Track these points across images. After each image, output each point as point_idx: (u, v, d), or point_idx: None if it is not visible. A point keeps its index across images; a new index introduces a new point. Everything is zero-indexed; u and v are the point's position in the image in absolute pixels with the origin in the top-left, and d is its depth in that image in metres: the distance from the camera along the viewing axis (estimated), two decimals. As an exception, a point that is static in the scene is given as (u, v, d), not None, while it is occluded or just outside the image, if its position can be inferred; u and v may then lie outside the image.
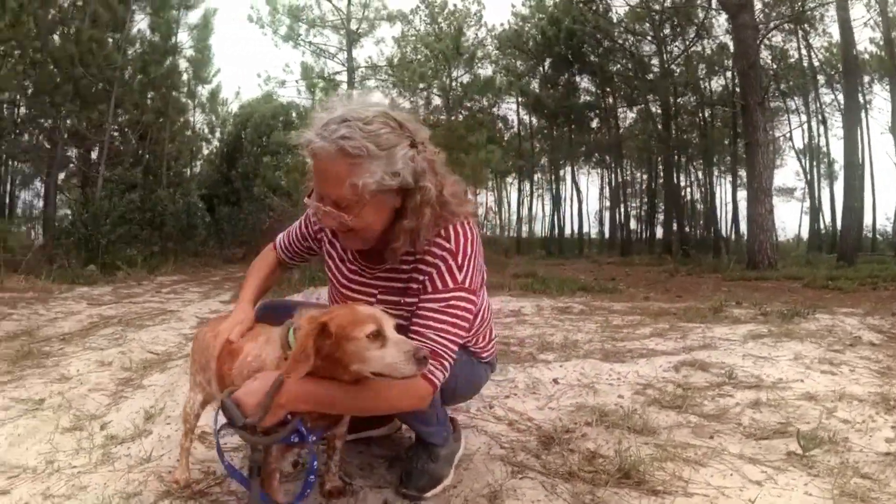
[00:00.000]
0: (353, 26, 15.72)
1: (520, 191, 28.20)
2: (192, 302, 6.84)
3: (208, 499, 1.70)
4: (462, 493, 1.67)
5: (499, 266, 10.51)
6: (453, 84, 16.11)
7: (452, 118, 15.25)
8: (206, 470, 1.90)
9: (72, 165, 14.96)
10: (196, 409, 1.81)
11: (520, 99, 24.72)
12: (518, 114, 25.92)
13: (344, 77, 16.65)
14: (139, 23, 12.93)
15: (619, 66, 23.13)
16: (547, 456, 1.91)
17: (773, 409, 2.27)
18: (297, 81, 16.45)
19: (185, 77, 15.55)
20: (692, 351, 3.32)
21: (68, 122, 12.85)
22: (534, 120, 26.22)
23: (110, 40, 11.74)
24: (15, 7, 9.07)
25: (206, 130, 19.67)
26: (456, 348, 1.46)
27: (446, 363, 1.43)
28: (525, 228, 27.83)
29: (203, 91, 17.90)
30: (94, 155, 14.63)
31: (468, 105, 20.16)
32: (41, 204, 14.15)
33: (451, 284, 1.46)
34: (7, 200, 13.61)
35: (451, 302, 1.45)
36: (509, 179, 28.87)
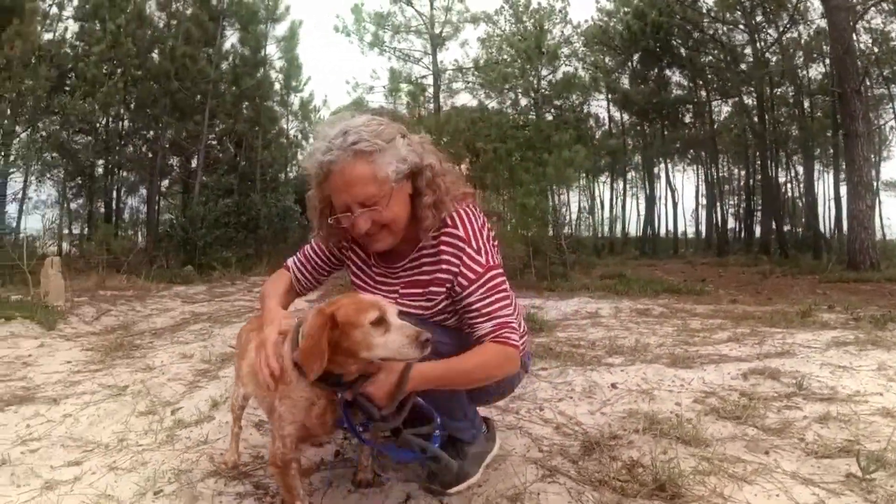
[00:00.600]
0: (437, 30, 16.02)
1: (612, 189, 27.30)
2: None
3: (251, 480, 1.82)
4: (485, 493, 1.67)
5: (587, 267, 10.26)
6: (541, 83, 15.85)
7: (540, 117, 14.99)
8: (256, 454, 2.04)
9: (174, 173, 16.49)
10: (240, 401, 1.95)
11: (609, 96, 23.96)
12: (608, 111, 25.14)
13: (430, 81, 16.92)
14: (230, 38, 14.01)
15: (710, 57, 21.72)
16: (585, 462, 1.87)
17: (843, 425, 2.07)
18: (384, 87, 16.98)
19: (276, 87, 16.54)
20: (767, 358, 3.10)
21: (168, 133, 14.16)
22: (625, 117, 25.29)
23: (203, 56, 12.76)
24: (114, 29, 10.19)
25: (300, 137, 20.81)
26: (512, 311, 1.58)
27: (514, 325, 1.57)
28: (618, 228, 26.90)
29: (295, 100, 18.84)
30: (194, 163, 15.99)
31: (557, 104, 19.83)
32: (146, 209, 15.64)
33: (479, 270, 1.56)
34: (115, 207, 15.14)
35: (487, 286, 1.56)
36: (602, 178, 27.97)
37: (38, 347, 4.01)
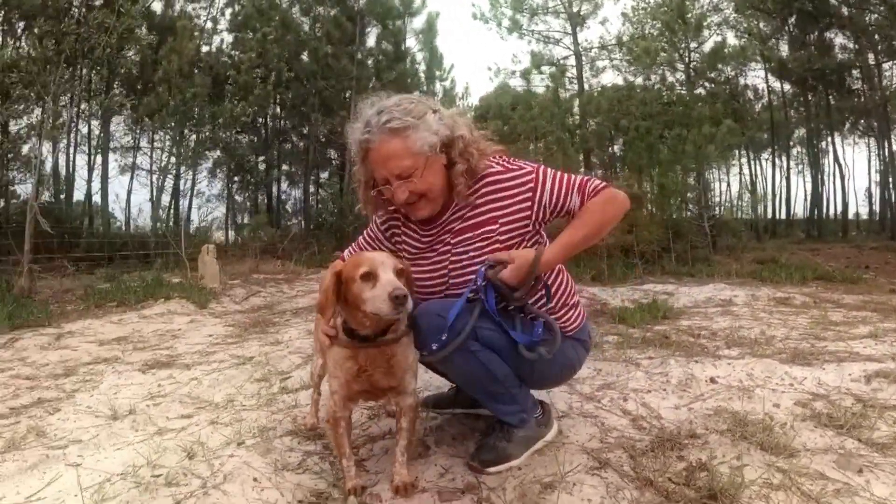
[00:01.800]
0: (575, 9, 15.44)
1: (774, 167, 24.25)
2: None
3: (323, 441, 2.02)
4: (522, 477, 1.67)
5: (737, 251, 9.44)
6: (691, 55, 14.49)
7: (691, 92, 13.74)
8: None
9: (332, 166, 18.02)
10: (318, 370, 2.17)
11: (767, 65, 21.13)
12: (766, 81, 22.23)
13: (572, 61, 16.38)
14: (371, 35, 14.85)
15: (875, 15, 18.04)
16: (645, 459, 1.77)
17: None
18: (525, 70, 16.84)
19: (421, 78, 17.23)
20: (905, 360, 2.61)
21: (320, 128, 15.50)
22: (786, 87, 22.13)
23: (346, 54, 13.74)
24: (260, 38, 11.41)
25: None
26: (582, 176, 1.76)
27: (594, 181, 1.72)
28: (782, 209, 23.88)
29: (439, 89, 19.45)
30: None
31: (710, 76, 18.04)
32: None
33: (538, 177, 1.70)
34: (277, 198, 16.89)
35: (547, 181, 1.71)
36: (765, 155, 24.92)
37: (189, 323, 4.73)
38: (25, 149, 10.02)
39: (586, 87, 14.67)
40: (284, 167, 16.80)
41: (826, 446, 1.78)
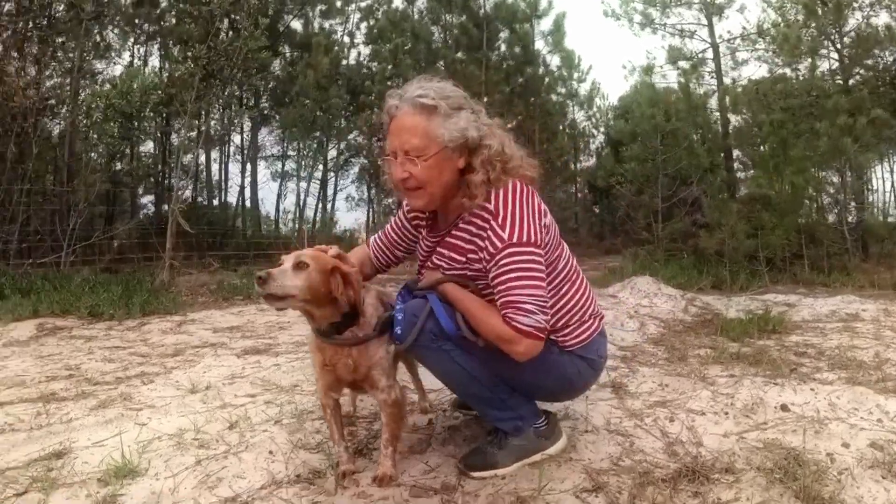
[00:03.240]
0: (710, -1, 14.34)
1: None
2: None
3: (350, 428, 2.17)
4: (502, 487, 1.69)
5: (891, 258, 8.13)
6: (843, 41, 12.71)
7: (849, 82, 12.04)
8: (371, 409, 2.43)
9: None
10: None
11: None
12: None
13: (710, 54, 15.29)
14: (501, 40, 15.11)
15: None
16: (652, 489, 1.66)
17: None
18: (660, 66, 16.05)
19: (558, 80, 17.18)
20: None
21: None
22: None
23: (473, 60, 14.18)
24: (392, 48, 12.22)
25: (591, 126, 21.05)
26: (532, 293, 1.57)
27: (528, 308, 1.55)
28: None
29: (579, 89, 19.17)
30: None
31: (868, 63, 15.59)
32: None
33: (498, 245, 1.60)
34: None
35: (502, 262, 1.59)
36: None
37: (299, 317, 5.25)
38: (186, 159, 11.88)
39: (727, 80, 13.45)
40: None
41: (886, 502, 1.56)
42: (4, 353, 3.64)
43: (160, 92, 6.92)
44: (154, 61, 12.26)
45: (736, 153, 10.96)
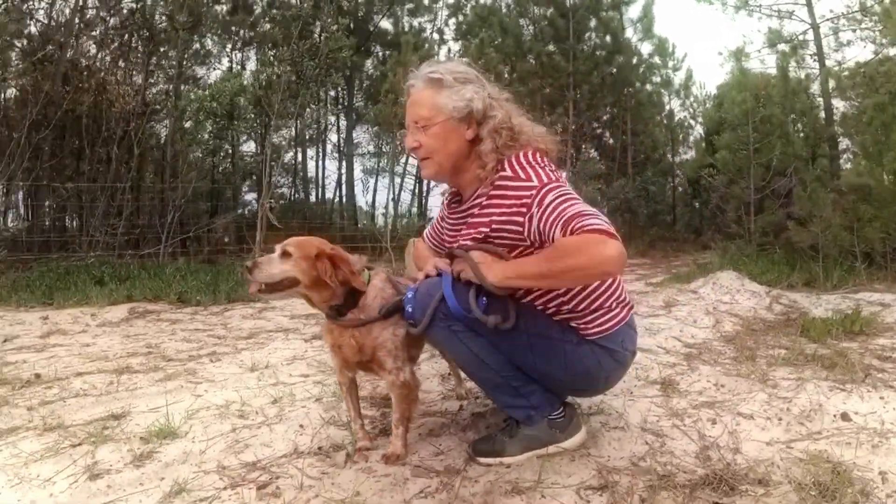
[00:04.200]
0: (809, -23, 13.11)
1: None
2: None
3: (383, 409, 2.33)
4: (504, 475, 1.70)
5: None
6: None
7: None
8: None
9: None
10: None
11: None
12: None
13: (810, 36, 14.09)
14: (589, 30, 14.79)
15: None
16: (665, 495, 1.60)
17: None
18: (758, 51, 15.01)
19: (648, 69, 16.58)
20: None
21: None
22: None
23: (559, 51, 14.02)
24: (478, 43, 12.32)
25: (689, 116, 20.15)
26: (586, 209, 1.53)
27: (590, 217, 1.49)
28: None
29: (674, 78, 18.43)
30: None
31: None
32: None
33: (532, 192, 1.63)
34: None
35: (545, 200, 1.59)
36: None
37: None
38: (285, 157, 12.73)
39: (829, 63, 12.28)
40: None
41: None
42: (97, 332, 4.17)
43: (248, 94, 7.51)
44: (251, 65, 13.29)
45: (845, 142, 10.02)
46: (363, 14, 14.72)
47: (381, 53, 15.25)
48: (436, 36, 15.83)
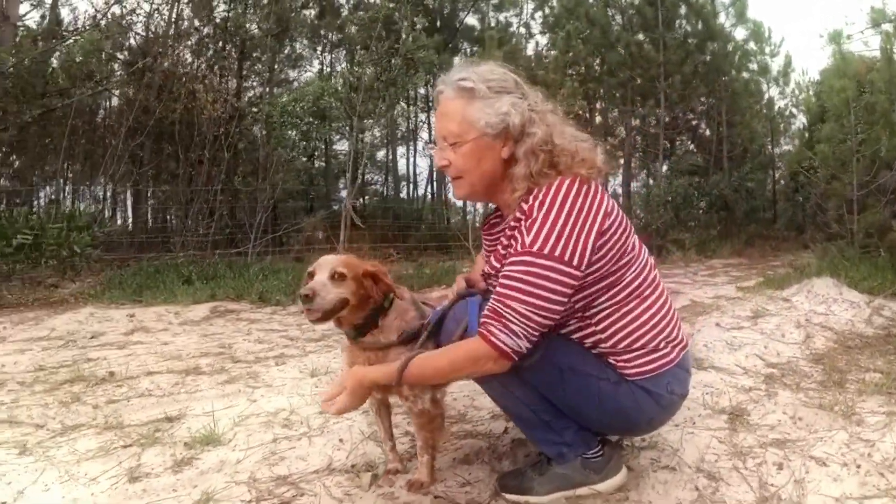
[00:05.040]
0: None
1: None
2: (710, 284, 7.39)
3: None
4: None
5: None
6: None
7: None
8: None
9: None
10: None
11: None
12: None
13: None
14: (681, 17, 14.05)
15: None
16: None
17: None
18: (861, 32, 13.57)
19: (744, 55, 15.54)
20: None
21: (633, 120, 15.62)
22: None
23: (649, 40, 13.47)
24: (564, 35, 12.09)
25: (790, 105, 18.78)
26: (525, 313, 1.44)
27: (510, 325, 1.44)
28: None
29: (772, 64, 17.21)
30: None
31: None
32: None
33: (519, 248, 1.47)
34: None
35: (516, 266, 1.46)
36: None
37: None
38: (379, 155, 13.13)
39: None
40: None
41: None
42: (177, 330, 4.48)
43: (331, 96, 7.80)
44: (341, 67, 13.79)
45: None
46: (448, 11, 14.85)
47: (468, 50, 15.30)
48: (522, 30, 15.71)
